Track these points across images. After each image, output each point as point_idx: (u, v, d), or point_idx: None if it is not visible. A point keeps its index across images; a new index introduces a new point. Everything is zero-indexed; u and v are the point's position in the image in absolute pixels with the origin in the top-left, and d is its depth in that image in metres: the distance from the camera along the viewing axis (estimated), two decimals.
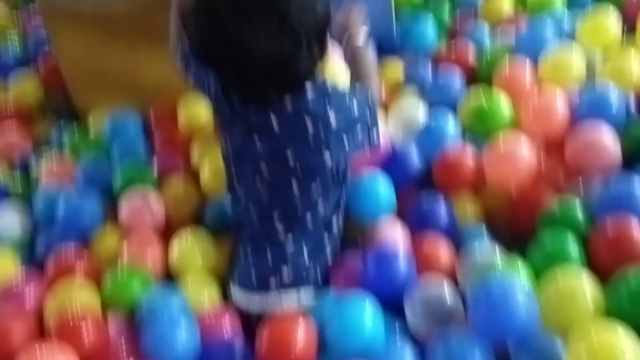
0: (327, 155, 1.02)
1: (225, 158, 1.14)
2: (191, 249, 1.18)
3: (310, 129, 0.99)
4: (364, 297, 0.99)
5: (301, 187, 1.04)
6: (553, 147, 1.21)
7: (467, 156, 1.21)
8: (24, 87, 1.72)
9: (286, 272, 1.07)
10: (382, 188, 1.17)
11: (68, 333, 1.02)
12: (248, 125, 1.03)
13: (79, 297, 1.09)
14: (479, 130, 1.28)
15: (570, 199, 1.08)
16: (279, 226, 1.07)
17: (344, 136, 1.02)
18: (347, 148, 1.03)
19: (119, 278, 1.13)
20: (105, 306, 1.11)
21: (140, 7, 1.43)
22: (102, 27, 1.48)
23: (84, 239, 1.26)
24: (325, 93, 1.01)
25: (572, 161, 1.15)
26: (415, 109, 1.35)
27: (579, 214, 1.06)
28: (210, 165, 1.30)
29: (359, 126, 1.04)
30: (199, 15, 0.93)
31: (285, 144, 1.01)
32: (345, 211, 1.14)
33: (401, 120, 1.34)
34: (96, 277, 1.16)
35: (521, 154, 1.15)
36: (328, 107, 0.99)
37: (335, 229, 1.11)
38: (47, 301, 1.11)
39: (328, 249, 1.10)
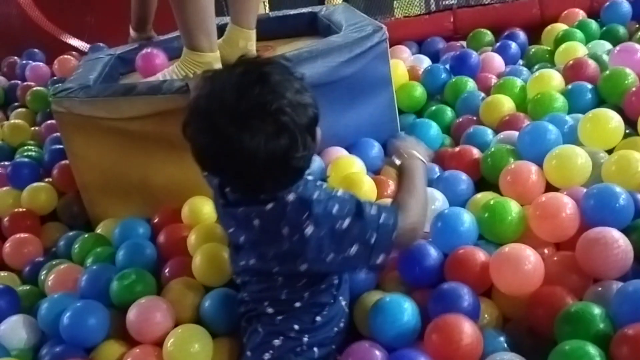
0: (302, 264, 1.01)
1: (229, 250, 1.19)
2: (184, 348, 1.16)
3: (285, 233, 1.00)
4: None
5: (286, 282, 1.06)
6: (564, 250, 1.19)
7: (478, 261, 1.18)
8: (38, 197, 1.75)
9: (278, 344, 1.07)
10: (408, 314, 1.11)
11: None
12: (237, 221, 1.06)
13: None
14: (488, 234, 1.28)
15: (588, 305, 1.04)
16: (269, 310, 1.09)
17: (327, 251, 1.00)
18: (328, 261, 1.01)
19: None
20: None
21: (152, 111, 1.47)
22: (116, 135, 1.53)
23: (88, 352, 1.23)
24: (308, 200, 1.00)
25: (585, 264, 1.13)
26: (432, 200, 1.34)
27: (599, 322, 1.01)
28: (201, 256, 1.30)
29: (355, 246, 1.01)
30: (196, 120, 0.97)
31: (265, 244, 1.03)
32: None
33: None
34: None
35: (529, 266, 1.12)
36: (306, 215, 0.99)
37: (327, 312, 1.10)
38: None
39: (323, 330, 1.10)
